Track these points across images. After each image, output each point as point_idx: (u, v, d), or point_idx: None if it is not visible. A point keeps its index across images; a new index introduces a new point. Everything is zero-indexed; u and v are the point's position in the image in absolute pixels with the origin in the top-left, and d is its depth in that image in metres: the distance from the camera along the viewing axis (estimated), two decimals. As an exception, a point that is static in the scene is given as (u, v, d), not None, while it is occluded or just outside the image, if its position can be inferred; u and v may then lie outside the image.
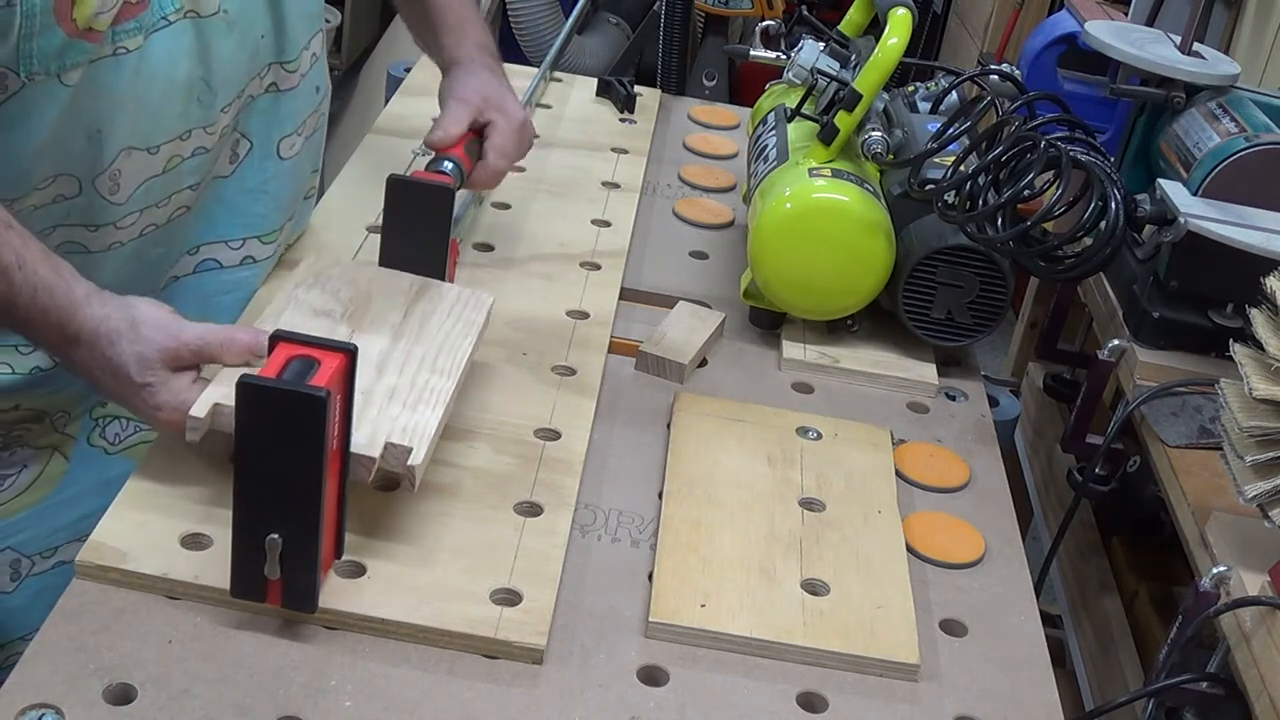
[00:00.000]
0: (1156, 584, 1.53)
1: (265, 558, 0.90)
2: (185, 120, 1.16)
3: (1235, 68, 1.60)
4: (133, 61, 1.08)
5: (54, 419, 1.24)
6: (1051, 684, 1.01)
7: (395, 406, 1.03)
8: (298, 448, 0.87)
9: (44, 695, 0.86)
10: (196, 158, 1.20)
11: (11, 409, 1.21)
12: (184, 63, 1.13)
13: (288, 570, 0.91)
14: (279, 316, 1.11)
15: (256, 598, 0.92)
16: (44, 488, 1.25)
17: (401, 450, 0.99)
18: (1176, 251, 1.38)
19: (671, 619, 0.99)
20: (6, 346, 1.17)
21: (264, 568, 0.90)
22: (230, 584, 0.92)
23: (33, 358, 1.19)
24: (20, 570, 1.24)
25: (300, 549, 0.90)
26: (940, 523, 1.16)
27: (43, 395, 1.22)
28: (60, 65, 1.03)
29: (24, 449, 1.24)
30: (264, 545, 0.90)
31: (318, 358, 0.90)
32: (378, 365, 1.07)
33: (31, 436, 1.24)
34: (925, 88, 1.54)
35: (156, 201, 1.18)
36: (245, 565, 0.91)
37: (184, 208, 1.23)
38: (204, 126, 1.18)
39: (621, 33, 3.70)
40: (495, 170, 1.36)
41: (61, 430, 1.25)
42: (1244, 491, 1.07)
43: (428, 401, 1.04)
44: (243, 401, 0.86)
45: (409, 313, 1.15)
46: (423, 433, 1.01)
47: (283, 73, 1.26)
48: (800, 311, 1.39)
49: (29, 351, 1.18)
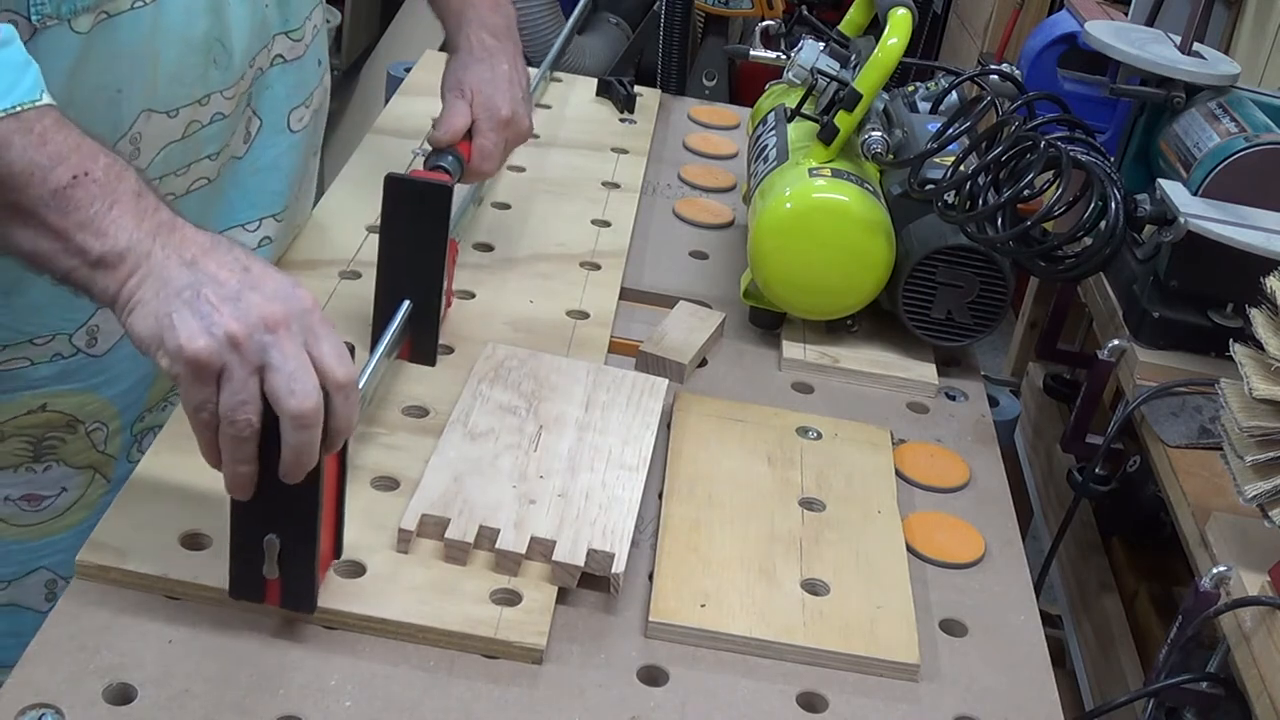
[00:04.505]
0: (1156, 584, 1.53)
1: (263, 558, 0.90)
2: (204, 84, 1.16)
3: (1235, 68, 1.60)
4: (149, 16, 1.07)
5: (90, 431, 1.22)
6: (1051, 684, 1.01)
7: (592, 508, 1.05)
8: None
9: (44, 695, 0.85)
10: (215, 124, 1.19)
11: (39, 409, 1.19)
12: (200, 20, 1.12)
13: (286, 570, 0.90)
14: (468, 417, 1.14)
15: (255, 598, 0.92)
16: (83, 510, 1.23)
17: (604, 556, 1.01)
18: (1176, 251, 1.38)
19: (671, 619, 0.99)
20: (20, 342, 1.15)
21: (262, 568, 0.90)
22: (229, 584, 0.92)
23: (53, 344, 1.17)
24: (55, 591, 1.23)
25: (298, 549, 0.90)
26: (940, 523, 1.16)
27: (70, 394, 1.20)
28: (71, 8, 1.01)
29: (61, 466, 1.21)
30: (262, 545, 0.89)
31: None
32: (570, 463, 1.10)
33: (67, 452, 1.21)
34: (925, 88, 1.54)
35: (176, 169, 1.17)
36: (243, 565, 0.91)
37: (204, 179, 1.21)
38: (221, 91, 1.18)
39: (621, 33, 3.70)
40: (479, 173, 1.34)
41: (100, 449, 1.23)
42: (1244, 491, 1.07)
43: (621, 500, 1.07)
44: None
45: (589, 403, 1.18)
46: (621, 535, 1.03)
47: (289, 42, 1.27)
48: (800, 311, 1.39)
49: (45, 341, 1.16)
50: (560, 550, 1.00)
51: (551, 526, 1.02)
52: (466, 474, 1.07)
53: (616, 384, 1.22)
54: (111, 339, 1.20)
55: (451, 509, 1.02)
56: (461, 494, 1.04)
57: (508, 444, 1.12)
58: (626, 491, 1.08)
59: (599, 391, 1.21)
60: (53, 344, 1.17)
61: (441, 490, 1.04)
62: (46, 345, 1.17)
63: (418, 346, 1.24)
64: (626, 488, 1.09)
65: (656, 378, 1.25)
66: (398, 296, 1.22)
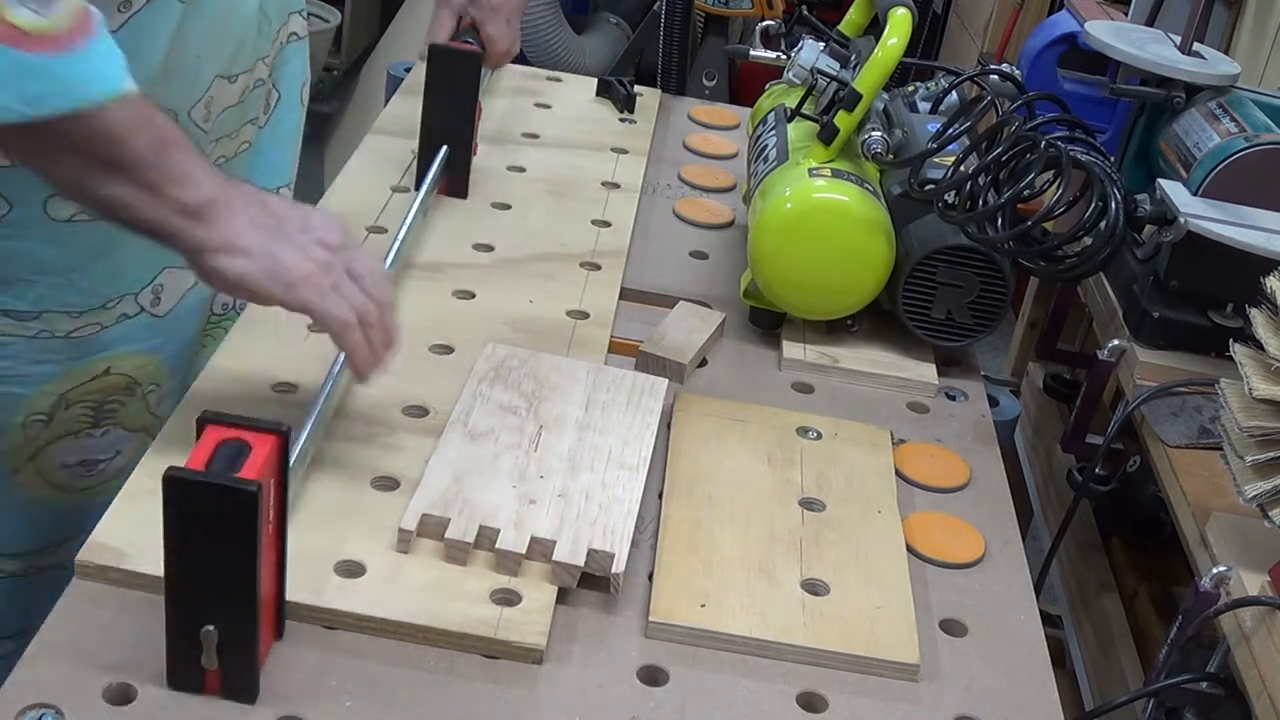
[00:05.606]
0: (1156, 584, 1.54)
1: (201, 649, 0.86)
2: (255, 51, 1.25)
3: (1235, 68, 1.60)
4: None
5: (146, 393, 1.26)
6: (1051, 684, 1.01)
7: (592, 508, 1.05)
8: (230, 540, 0.83)
9: (44, 695, 0.85)
10: (258, 90, 1.28)
11: (103, 373, 1.22)
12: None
13: (225, 660, 0.87)
14: (469, 416, 1.14)
15: (194, 689, 0.88)
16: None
17: (605, 556, 1.01)
18: (1176, 251, 1.38)
19: (671, 619, 0.99)
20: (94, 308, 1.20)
21: (200, 659, 0.86)
22: (166, 674, 0.88)
23: (121, 305, 1.22)
24: None
25: (237, 639, 0.86)
26: (940, 523, 1.16)
27: (132, 355, 1.24)
28: None
29: (117, 430, 1.24)
30: (199, 636, 0.86)
31: (249, 441, 0.85)
32: (570, 463, 1.10)
33: (125, 415, 1.25)
34: (925, 88, 1.54)
35: (230, 133, 1.25)
36: (181, 656, 0.87)
37: (246, 143, 1.30)
38: (263, 59, 1.26)
39: (621, 33, 3.70)
40: (497, 58, 1.54)
41: (153, 411, 1.26)
42: (1244, 491, 1.07)
43: (621, 500, 1.07)
44: (169, 495, 0.82)
45: (590, 403, 1.19)
46: (621, 535, 1.03)
47: (300, 20, 1.35)
48: (800, 311, 1.39)
49: (114, 303, 1.21)
50: (560, 550, 1.00)
51: (551, 526, 1.02)
52: (466, 474, 1.07)
53: (616, 384, 1.22)
54: (174, 297, 1.26)
55: (451, 509, 1.02)
56: (461, 494, 1.04)
57: (508, 444, 1.12)
58: (626, 491, 1.08)
59: (599, 391, 1.21)
60: (120, 305, 1.22)
61: (441, 490, 1.05)
62: (115, 307, 1.22)
63: (453, 184, 1.53)
64: (626, 488, 1.09)
65: (656, 378, 1.25)
66: (438, 144, 1.50)
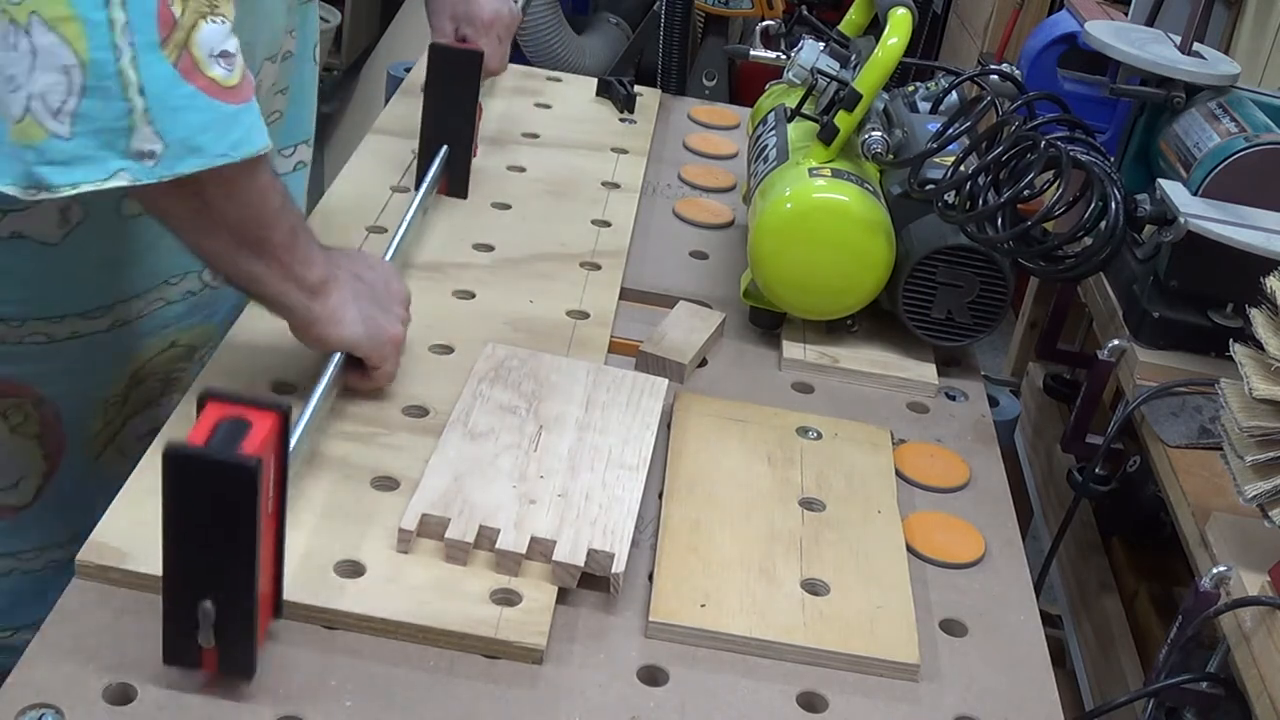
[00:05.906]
0: (1156, 584, 1.54)
1: (198, 625, 0.86)
2: (287, 24, 1.29)
3: (1235, 68, 1.60)
4: None
5: (202, 358, 1.30)
6: (1051, 684, 1.01)
7: (592, 508, 1.05)
8: (230, 516, 0.83)
9: (44, 695, 0.86)
10: (287, 62, 1.33)
11: (169, 346, 1.27)
12: None
13: (223, 637, 0.86)
14: (469, 416, 1.14)
15: (190, 664, 0.88)
16: None
17: (605, 556, 1.01)
18: (1176, 251, 1.38)
19: (671, 619, 0.99)
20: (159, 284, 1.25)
21: (197, 635, 0.86)
22: (162, 650, 0.88)
23: (185, 282, 1.27)
24: None
25: (235, 616, 0.86)
26: (940, 523, 1.16)
27: (194, 326, 1.30)
28: None
29: (178, 396, 1.26)
30: (196, 613, 0.85)
31: (249, 418, 0.85)
32: (570, 463, 1.10)
33: (187, 381, 1.28)
34: (925, 88, 1.54)
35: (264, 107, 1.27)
36: (177, 632, 0.87)
37: (277, 112, 1.34)
38: (290, 31, 1.32)
39: (621, 33, 3.70)
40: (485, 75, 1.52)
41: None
42: (1244, 491, 1.07)
43: (621, 500, 1.07)
44: (169, 470, 0.82)
45: (589, 403, 1.19)
46: (621, 535, 1.03)
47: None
48: (800, 311, 1.39)
49: (178, 280, 1.27)
50: (560, 550, 1.00)
51: (551, 526, 1.02)
52: (467, 474, 1.07)
53: (616, 384, 1.22)
54: None
55: (452, 509, 1.02)
56: (461, 494, 1.04)
57: (508, 444, 1.12)
58: (626, 491, 1.08)
59: (599, 391, 1.21)
60: (185, 282, 1.27)
61: (442, 490, 1.05)
62: (180, 284, 1.27)
63: (453, 183, 1.53)
64: (626, 488, 1.09)
65: (656, 378, 1.25)
66: (438, 144, 1.50)
